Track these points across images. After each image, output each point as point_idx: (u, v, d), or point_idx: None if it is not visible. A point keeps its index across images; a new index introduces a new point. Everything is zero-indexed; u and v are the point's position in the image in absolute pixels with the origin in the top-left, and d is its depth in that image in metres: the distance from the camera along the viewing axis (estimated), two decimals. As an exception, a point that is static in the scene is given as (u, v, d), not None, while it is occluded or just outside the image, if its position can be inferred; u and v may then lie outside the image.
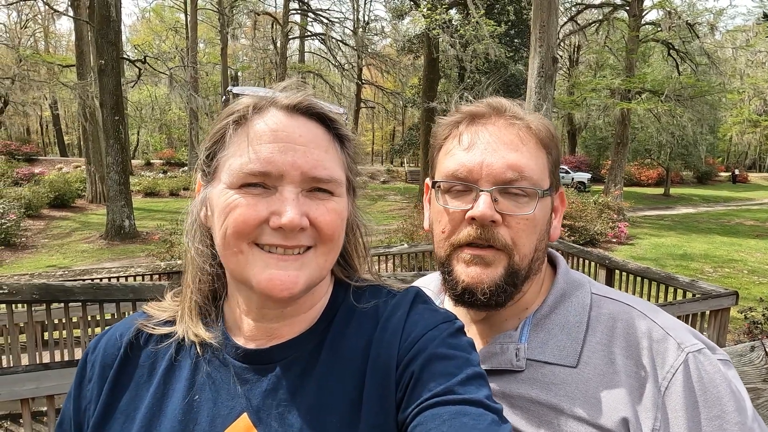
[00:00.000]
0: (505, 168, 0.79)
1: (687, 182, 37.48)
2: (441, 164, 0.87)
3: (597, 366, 0.77)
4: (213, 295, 0.75)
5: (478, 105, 0.86)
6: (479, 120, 0.85)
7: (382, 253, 6.44)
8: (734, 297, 3.93)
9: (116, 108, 13.57)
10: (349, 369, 0.67)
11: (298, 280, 0.63)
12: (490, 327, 0.89)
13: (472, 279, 0.81)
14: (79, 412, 0.73)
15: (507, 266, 0.81)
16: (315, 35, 32.20)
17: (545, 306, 0.86)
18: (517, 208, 0.80)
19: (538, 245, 0.84)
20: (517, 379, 0.81)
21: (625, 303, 0.84)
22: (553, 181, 0.86)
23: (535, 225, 0.82)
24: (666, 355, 0.75)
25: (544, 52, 7.83)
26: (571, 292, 0.86)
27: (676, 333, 0.77)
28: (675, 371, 0.73)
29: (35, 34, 39.33)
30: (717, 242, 14.11)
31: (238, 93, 0.70)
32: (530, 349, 0.82)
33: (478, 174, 0.80)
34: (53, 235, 15.18)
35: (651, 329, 0.78)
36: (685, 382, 0.72)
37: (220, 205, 0.65)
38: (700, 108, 18.80)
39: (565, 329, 0.82)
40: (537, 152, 0.83)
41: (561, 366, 0.79)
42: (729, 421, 0.69)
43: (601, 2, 21.95)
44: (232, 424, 0.65)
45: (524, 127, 0.83)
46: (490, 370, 0.83)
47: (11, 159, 25.77)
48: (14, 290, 3.34)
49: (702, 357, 0.74)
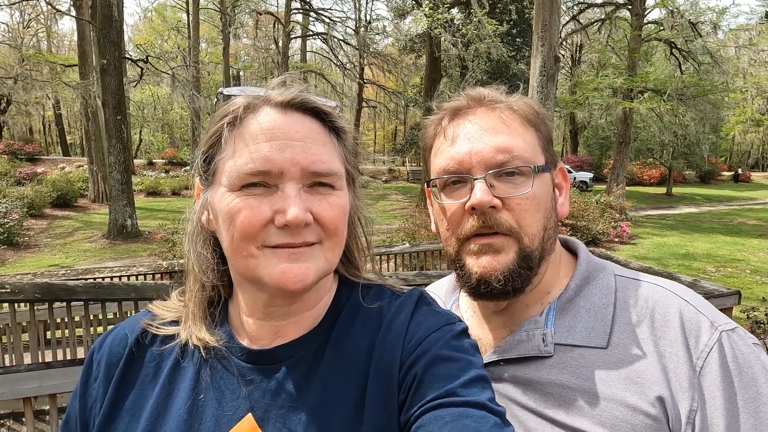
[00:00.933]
0: (493, 152, 0.78)
1: (689, 181, 37.39)
2: (433, 164, 0.87)
3: (628, 347, 0.76)
4: (217, 297, 0.75)
5: (458, 98, 0.86)
6: (460, 113, 0.84)
7: (384, 253, 6.43)
8: (737, 297, 3.91)
9: (118, 107, 13.60)
10: (352, 369, 0.67)
11: (309, 271, 0.64)
12: (512, 316, 0.87)
13: (484, 269, 0.79)
14: (85, 411, 0.73)
15: (518, 250, 0.79)
16: (317, 35, 32.24)
17: (569, 290, 0.84)
18: (514, 189, 0.79)
19: (546, 223, 0.82)
20: (546, 365, 0.79)
21: (652, 283, 0.83)
22: (548, 158, 0.84)
23: (537, 203, 0.80)
24: (699, 334, 0.73)
25: (546, 52, 7.82)
26: (594, 275, 0.85)
27: (708, 311, 0.76)
28: (710, 350, 0.72)
29: (38, 33, 39.42)
30: (719, 242, 14.08)
31: (229, 95, 0.70)
32: (557, 334, 0.80)
33: (469, 164, 0.80)
34: (56, 234, 15.22)
35: (682, 308, 0.77)
36: (721, 362, 0.71)
37: (224, 209, 0.64)
38: (702, 107, 18.75)
39: (591, 311, 0.80)
40: (524, 131, 0.82)
41: (591, 348, 0.77)
42: (765, 403, 0.69)
43: (604, 1, 21.90)
44: (237, 424, 0.65)
45: (506, 109, 0.83)
46: (517, 358, 0.81)
47: (14, 158, 25.82)
48: (17, 289, 3.35)
49: (736, 336, 0.73)
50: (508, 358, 0.82)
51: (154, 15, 42.67)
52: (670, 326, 0.75)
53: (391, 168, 34.47)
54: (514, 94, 0.86)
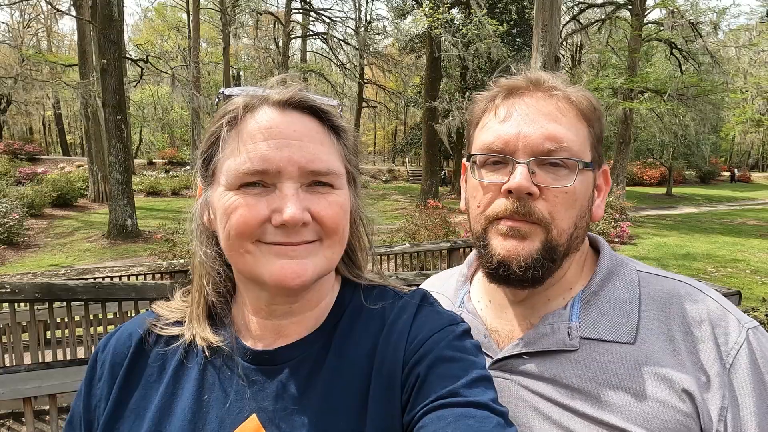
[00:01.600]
0: (542, 139, 0.76)
1: (689, 182, 37.40)
2: (477, 139, 0.85)
3: (656, 342, 0.75)
4: (221, 297, 0.75)
5: (516, 78, 0.83)
6: (516, 92, 0.82)
7: (384, 253, 6.43)
8: (737, 297, 3.90)
9: (118, 107, 13.60)
10: (355, 371, 0.67)
11: (307, 268, 0.64)
12: (532, 308, 0.86)
13: (508, 252, 0.78)
14: (89, 410, 0.73)
15: (544, 240, 0.78)
16: (317, 35, 32.25)
17: (593, 284, 0.83)
18: (555, 180, 0.77)
19: (578, 222, 0.80)
20: (571, 360, 0.78)
21: (676, 279, 0.83)
22: (595, 156, 0.82)
23: (575, 199, 0.78)
24: (728, 331, 0.74)
25: (546, 52, 7.82)
26: (617, 270, 0.84)
27: (732, 309, 0.77)
28: (739, 347, 0.72)
29: (38, 33, 39.45)
30: (720, 242, 14.08)
31: (230, 94, 0.70)
32: (583, 328, 0.79)
33: (515, 145, 0.77)
34: (56, 234, 15.22)
35: (709, 305, 0.77)
36: (750, 359, 0.71)
37: (221, 207, 0.65)
38: (702, 107, 18.74)
39: (617, 306, 0.80)
40: (577, 124, 0.80)
41: (618, 343, 0.77)
42: None
43: (604, 1, 21.91)
44: (242, 424, 0.65)
45: (564, 98, 0.80)
46: (540, 351, 0.80)
47: (14, 158, 25.80)
48: (17, 289, 3.35)
49: (760, 333, 0.74)
50: (532, 351, 0.81)
51: (154, 15, 42.70)
52: (698, 323, 0.75)
53: (391, 168, 34.48)
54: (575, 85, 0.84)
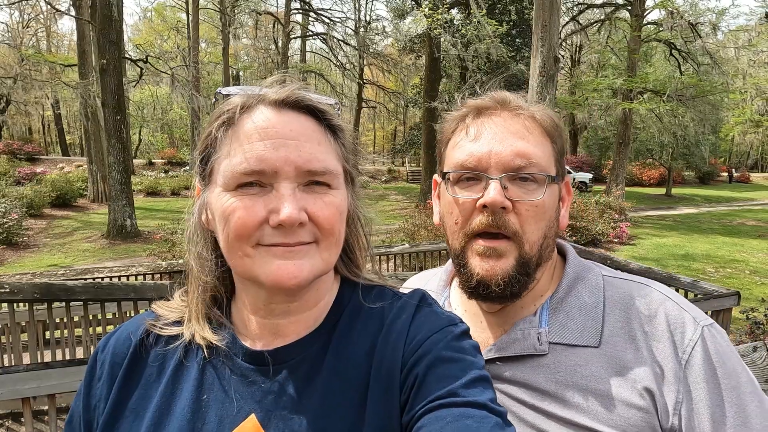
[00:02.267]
0: (513, 155, 0.82)
1: (689, 182, 37.42)
2: (449, 157, 0.89)
3: (619, 344, 0.80)
4: (220, 296, 0.75)
5: (483, 99, 0.89)
6: (485, 112, 0.87)
7: (384, 253, 6.43)
8: (736, 297, 3.91)
9: (118, 107, 13.59)
10: (354, 371, 0.67)
11: (303, 268, 0.64)
12: (506, 317, 0.90)
13: (487, 272, 0.83)
14: (89, 410, 0.73)
15: (518, 256, 0.82)
16: (316, 35, 32.27)
17: (560, 290, 0.88)
18: (526, 194, 0.82)
19: (547, 232, 0.85)
20: (541, 364, 0.82)
21: (638, 282, 0.88)
22: (559, 170, 0.88)
23: (543, 211, 0.84)
24: (684, 329, 0.78)
25: (546, 52, 7.83)
26: (583, 275, 0.89)
27: (689, 308, 0.82)
28: (694, 345, 0.77)
29: (37, 33, 39.41)
30: (719, 242, 14.09)
31: (227, 94, 0.70)
32: (551, 333, 0.84)
33: (487, 162, 0.82)
34: (55, 234, 15.21)
35: (667, 305, 0.82)
36: (704, 355, 0.76)
37: (219, 209, 0.65)
38: (702, 108, 18.76)
39: (583, 310, 0.84)
40: (543, 141, 0.86)
41: (584, 347, 0.81)
42: (744, 391, 0.75)
43: (603, 2, 21.93)
44: (240, 424, 0.65)
45: (529, 117, 0.86)
46: (512, 356, 0.85)
47: (13, 158, 25.82)
48: (16, 289, 3.34)
49: (715, 331, 0.79)
50: (504, 356, 0.85)
51: (153, 15, 42.68)
52: (656, 323, 0.80)
53: (391, 168, 34.48)
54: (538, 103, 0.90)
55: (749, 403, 0.74)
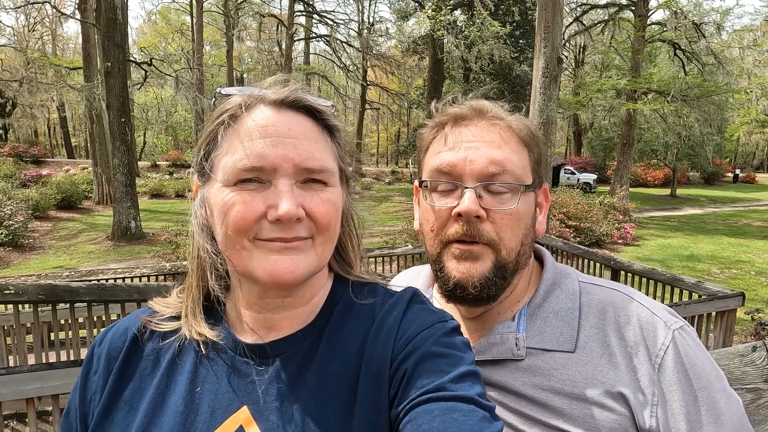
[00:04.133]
0: (487, 164, 0.83)
1: (694, 183, 37.26)
2: (427, 164, 0.91)
3: (594, 349, 0.83)
4: (216, 291, 0.77)
5: (461, 107, 0.90)
6: (462, 121, 0.89)
7: (386, 254, 6.43)
8: (741, 298, 3.90)
9: (122, 110, 13.65)
10: (345, 365, 0.69)
11: (299, 264, 0.66)
12: (484, 322, 0.92)
13: (463, 274, 0.84)
14: (85, 402, 0.75)
15: (495, 260, 0.84)
16: (320, 37, 32.33)
17: (537, 296, 0.90)
18: (500, 203, 0.84)
19: (524, 239, 0.87)
20: (519, 368, 0.84)
21: (612, 288, 0.90)
22: (535, 178, 0.89)
23: (518, 220, 0.85)
24: (656, 334, 0.81)
25: (549, 53, 7.82)
26: (560, 281, 0.91)
27: (661, 313, 0.84)
28: (666, 348, 0.80)
29: (43, 37, 39.68)
30: (724, 243, 14.01)
31: (227, 94, 0.72)
32: (529, 338, 0.86)
33: (462, 170, 0.84)
34: (60, 236, 15.29)
35: (639, 311, 0.84)
36: (676, 358, 0.79)
37: (218, 203, 0.66)
38: (706, 108, 18.65)
39: (559, 316, 0.87)
40: (518, 150, 0.87)
41: (560, 352, 0.84)
42: (714, 389, 0.78)
43: (607, 2, 21.88)
44: (232, 415, 0.67)
45: (505, 127, 0.87)
46: (490, 360, 0.87)
47: (19, 161, 25.94)
48: (21, 291, 3.36)
49: (685, 333, 0.82)
50: (482, 359, 0.87)
51: (158, 18, 42.91)
52: (629, 328, 0.83)
53: (395, 170, 34.48)
54: (514, 113, 0.91)
55: (719, 399, 0.78)
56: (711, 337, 3.93)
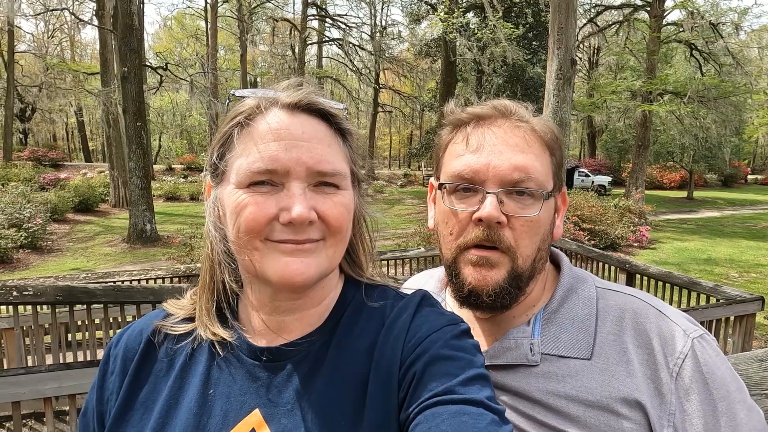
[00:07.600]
0: (511, 169, 0.81)
1: (711, 185, 36.65)
2: (447, 165, 0.88)
3: (610, 356, 0.80)
4: (228, 293, 0.78)
5: (483, 107, 0.87)
6: (485, 122, 0.86)
7: (399, 257, 6.42)
8: (760, 302, 3.82)
9: (138, 114, 13.84)
10: (354, 368, 0.69)
11: (311, 266, 0.66)
12: (497, 325, 0.91)
13: (478, 282, 0.83)
14: (102, 403, 0.76)
15: (510, 269, 0.82)
16: (333, 40, 32.47)
17: (554, 301, 0.88)
18: (522, 209, 0.82)
19: (541, 245, 0.85)
20: (533, 374, 0.83)
21: (629, 294, 0.88)
22: (556, 182, 0.87)
23: (539, 226, 0.84)
24: (675, 342, 0.79)
25: (563, 55, 7.77)
26: (576, 287, 0.89)
27: (679, 320, 0.82)
28: (684, 357, 0.77)
29: (61, 43, 40.40)
30: (743, 246, 13.76)
31: (241, 96, 0.73)
32: (544, 344, 0.84)
33: (485, 175, 0.82)
34: (77, 238, 15.53)
35: (658, 318, 0.82)
36: (695, 367, 0.76)
37: (231, 205, 0.67)
38: (724, 109, 18.38)
39: (575, 322, 0.85)
40: (542, 154, 0.85)
41: (576, 359, 0.82)
42: (734, 400, 0.75)
43: (621, 3, 21.67)
44: (244, 418, 0.67)
45: (529, 130, 0.85)
46: (504, 365, 0.85)
47: (38, 165, 26.40)
48: (39, 292, 3.42)
49: (705, 342, 0.79)
50: (496, 364, 0.86)
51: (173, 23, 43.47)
52: (647, 336, 0.80)
53: (407, 172, 34.46)
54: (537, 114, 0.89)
55: (739, 411, 0.75)
56: (729, 341, 3.86)
